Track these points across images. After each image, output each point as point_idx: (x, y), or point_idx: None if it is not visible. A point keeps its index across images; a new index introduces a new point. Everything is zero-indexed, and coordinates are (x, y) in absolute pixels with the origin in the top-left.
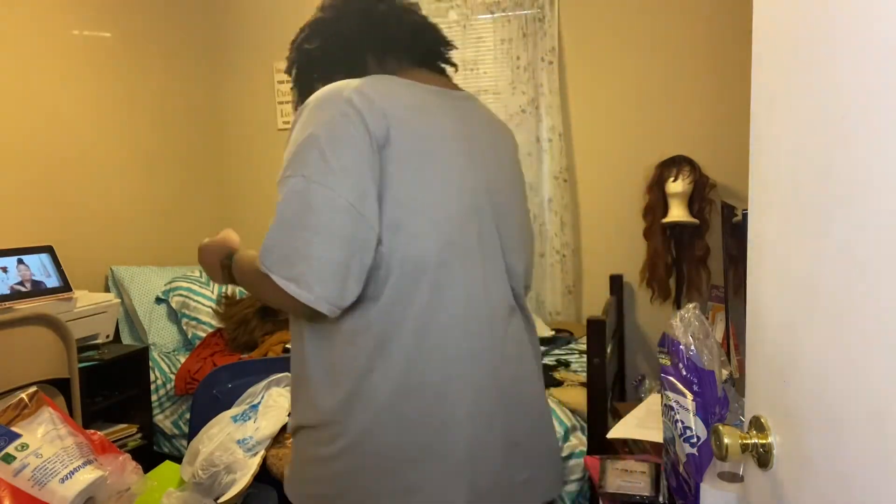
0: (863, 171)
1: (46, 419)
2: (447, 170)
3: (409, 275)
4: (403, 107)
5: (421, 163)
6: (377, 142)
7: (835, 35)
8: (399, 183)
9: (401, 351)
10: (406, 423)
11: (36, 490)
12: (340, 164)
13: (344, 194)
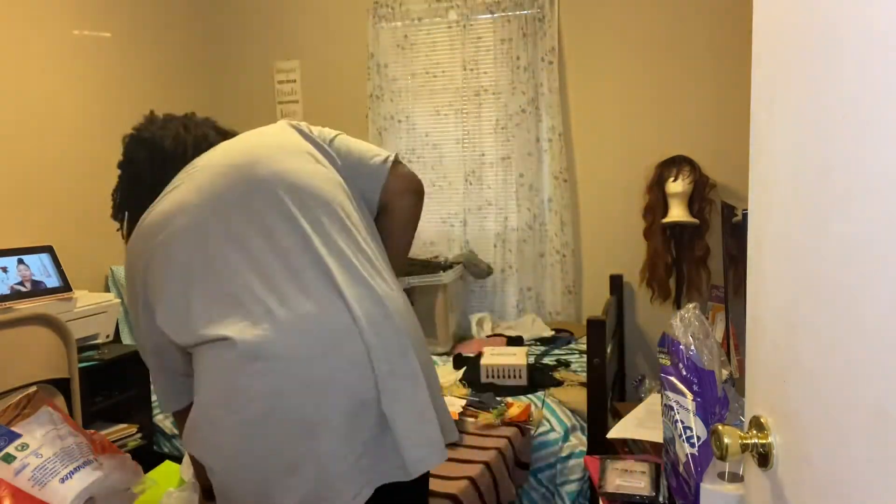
0: (863, 171)
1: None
2: (180, 255)
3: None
4: (155, 228)
5: (158, 269)
6: (140, 282)
7: (835, 35)
8: (155, 300)
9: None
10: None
11: (36, 490)
12: (135, 318)
13: (143, 344)
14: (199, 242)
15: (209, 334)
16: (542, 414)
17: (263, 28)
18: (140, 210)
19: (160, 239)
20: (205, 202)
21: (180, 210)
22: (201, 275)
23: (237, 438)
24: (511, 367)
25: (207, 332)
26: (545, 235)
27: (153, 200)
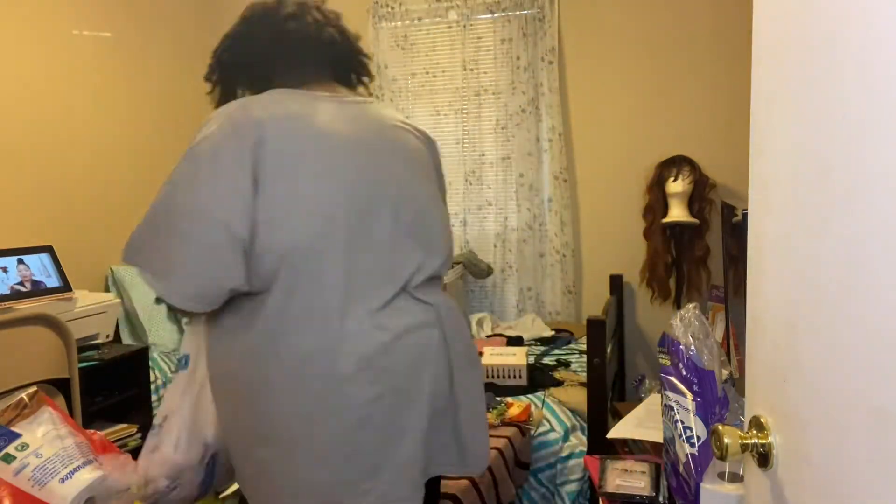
0: (863, 171)
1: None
2: (318, 167)
3: (284, 266)
4: (282, 116)
5: (292, 164)
6: (250, 150)
7: (835, 35)
8: (273, 183)
9: (285, 343)
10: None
11: (36, 490)
12: (207, 173)
13: (203, 199)
14: (357, 192)
15: (338, 306)
16: (542, 414)
17: None
18: (239, 80)
19: (306, 134)
20: (357, 163)
21: (333, 134)
22: (350, 225)
23: (326, 439)
24: (511, 367)
25: (340, 301)
26: (545, 235)
27: (256, 80)
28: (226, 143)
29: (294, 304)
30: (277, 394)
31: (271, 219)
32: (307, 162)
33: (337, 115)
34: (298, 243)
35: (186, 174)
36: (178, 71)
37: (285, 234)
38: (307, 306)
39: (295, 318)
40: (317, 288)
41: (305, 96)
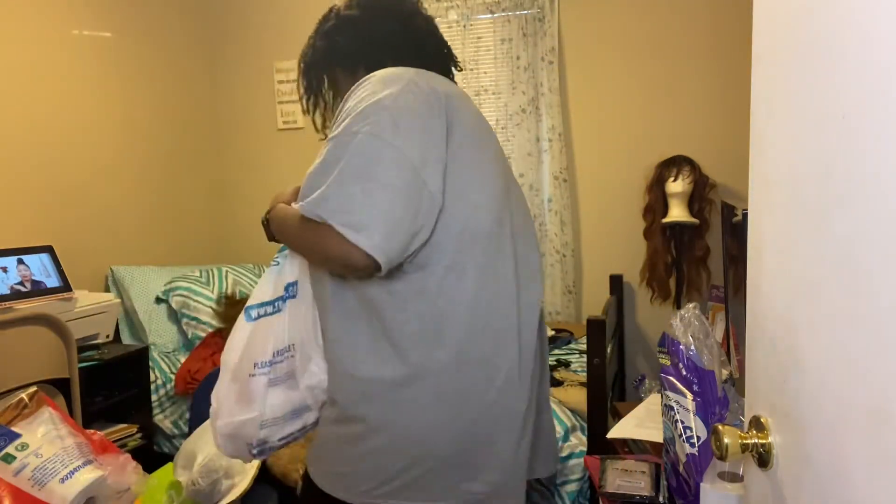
0: (863, 171)
1: (46, 419)
2: (489, 162)
3: (467, 243)
4: (454, 96)
5: (472, 146)
6: (443, 118)
7: (835, 35)
8: (459, 161)
9: (457, 322)
10: (459, 402)
11: (36, 490)
12: (409, 129)
13: (411, 156)
14: (504, 184)
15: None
16: None
17: (263, 28)
18: (346, 62)
19: (476, 120)
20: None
21: (486, 125)
22: (510, 213)
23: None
24: None
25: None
26: (545, 235)
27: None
28: (424, 106)
29: (466, 289)
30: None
31: (459, 192)
32: (482, 147)
33: (470, 107)
34: (480, 223)
35: (389, 128)
36: (178, 71)
37: (468, 211)
38: (480, 286)
39: (470, 299)
40: (491, 274)
41: (448, 83)
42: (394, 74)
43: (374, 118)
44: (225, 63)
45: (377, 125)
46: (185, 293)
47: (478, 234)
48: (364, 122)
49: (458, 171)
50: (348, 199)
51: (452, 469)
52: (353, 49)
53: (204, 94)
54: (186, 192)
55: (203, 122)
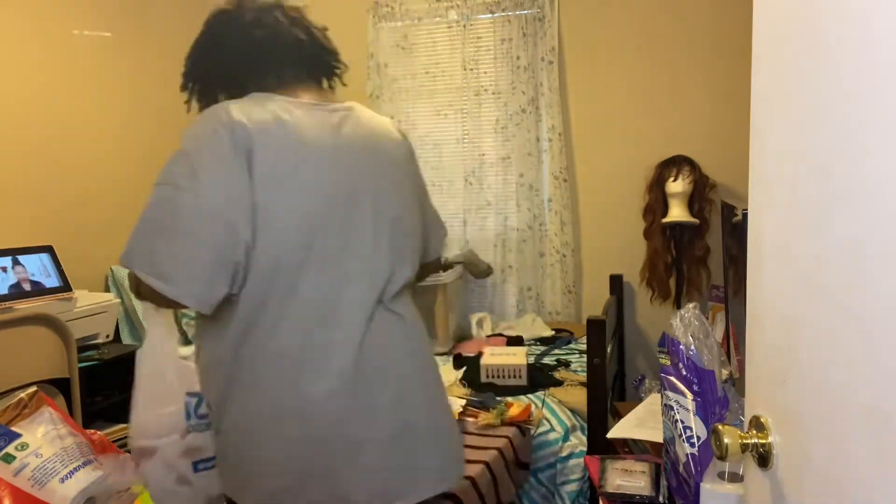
0: (862, 171)
1: (46, 419)
2: (305, 178)
3: (267, 275)
4: (267, 122)
5: (281, 173)
6: (243, 154)
7: (835, 35)
8: (261, 191)
9: (257, 345)
10: (260, 423)
11: (36, 490)
12: (209, 174)
13: (212, 201)
14: (336, 203)
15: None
16: (542, 414)
17: None
18: (214, 87)
19: (290, 144)
20: (331, 164)
21: (316, 145)
22: (330, 237)
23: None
24: (511, 367)
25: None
26: (545, 235)
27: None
28: (225, 148)
29: (268, 313)
30: (252, 392)
31: (257, 227)
32: (291, 174)
33: (318, 123)
34: (281, 254)
35: (187, 175)
36: (178, 71)
37: (271, 245)
38: (281, 315)
39: (271, 325)
40: (291, 298)
41: (287, 103)
42: (205, 116)
43: (175, 168)
44: None
45: (176, 175)
46: None
47: (276, 266)
48: (166, 172)
49: (256, 204)
50: (153, 252)
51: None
52: (209, 77)
53: None
54: None
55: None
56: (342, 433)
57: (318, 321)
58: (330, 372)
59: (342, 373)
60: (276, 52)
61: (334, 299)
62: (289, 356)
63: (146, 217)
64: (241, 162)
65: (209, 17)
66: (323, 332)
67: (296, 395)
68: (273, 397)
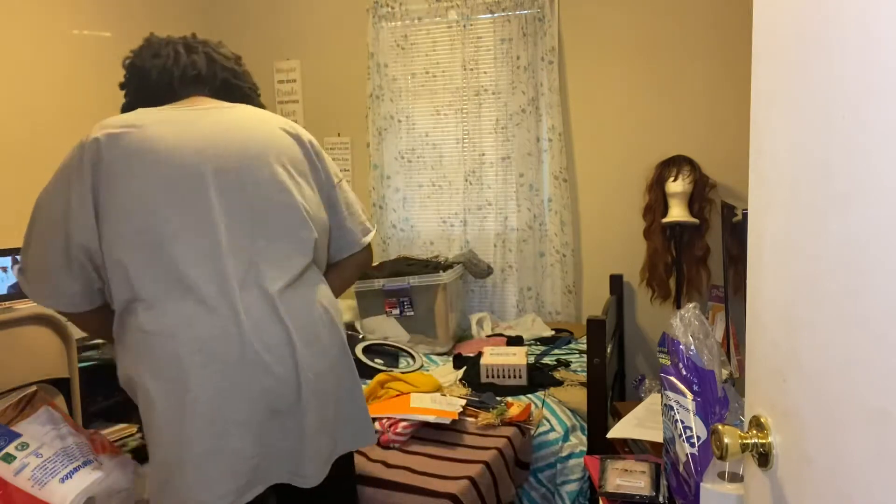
0: (862, 171)
1: (46, 419)
2: (142, 168)
3: (121, 279)
4: (121, 129)
5: (119, 170)
6: (89, 167)
7: (835, 35)
8: (108, 196)
9: (129, 348)
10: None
11: (36, 490)
12: (57, 187)
13: (55, 212)
14: (181, 195)
15: (180, 292)
16: (542, 414)
17: (263, 28)
18: (138, 101)
19: (133, 144)
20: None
21: (162, 137)
22: (182, 227)
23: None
24: (511, 367)
25: (181, 285)
26: (545, 235)
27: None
28: (74, 161)
29: (139, 305)
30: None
31: (104, 234)
32: (129, 168)
33: (180, 119)
34: (122, 238)
35: (46, 188)
36: None
37: (114, 235)
38: (149, 304)
39: (143, 315)
40: (151, 286)
41: (157, 111)
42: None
43: (51, 180)
44: None
45: (43, 190)
46: None
47: (123, 269)
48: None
49: (105, 212)
50: (24, 249)
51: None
52: (133, 99)
53: None
54: None
55: None
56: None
57: (185, 323)
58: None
59: (212, 367)
60: (165, 77)
61: (191, 286)
62: (161, 365)
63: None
64: (86, 175)
65: (123, 65)
66: (189, 328)
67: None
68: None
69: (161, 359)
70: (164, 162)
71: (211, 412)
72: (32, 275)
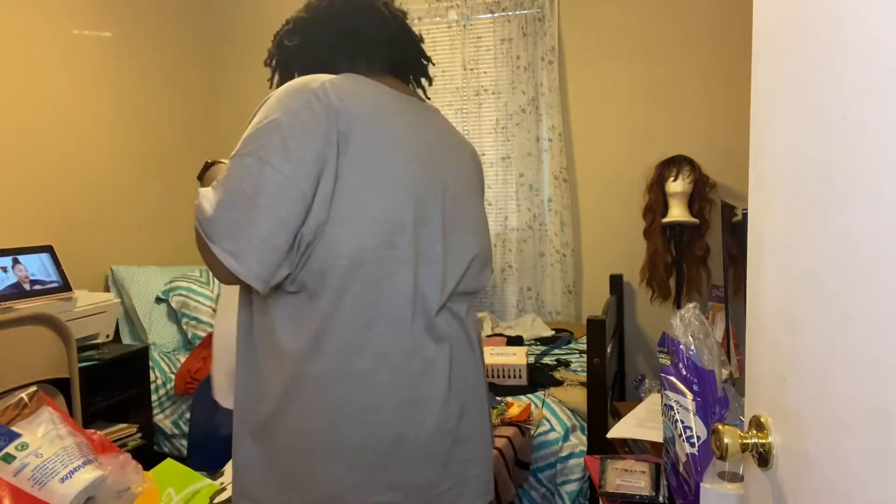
0: (863, 171)
1: (46, 419)
2: (399, 172)
3: (346, 269)
4: (366, 106)
5: (375, 163)
6: (338, 136)
7: (835, 35)
8: (351, 179)
9: (334, 343)
10: (335, 413)
11: (36, 490)
12: (299, 154)
13: (298, 183)
14: (422, 203)
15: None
16: (542, 414)
17: (264, 27)
18: (299, 67)
19: (387, 134)
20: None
21: (411, 139)
22: (415, 235)
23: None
24: (511, 367)
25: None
26: (545, 235)
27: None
28: (319, 126)
29: (345, 309)
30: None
31: (341, 217)
32: (381, 164)
33: (407, 116)
34: (365, 248)
35: (277, 150)
36: (179, 71)
37: (353, 236)
38: (364, 311)
39: (347, 323)
40: (375, 296)
41: (377, 88)
42: (298, 86)
43: (264, 140)
44: (225, 62)
45: (265, 148)
46: (185, 293)
47: (356, 261)
48: (255, 143)
49: (347, 192)
50: (233, 226)
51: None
52: (302, 53)
53: (204, 93)
54: (186, 192)
55: (203, 121)
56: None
57: (394, 325)
58: (400, 381)
59: (411, 381)
60: (374, 37)
61: (409, 302)
62: (365, 362)
63: (230, 187)
64: (332, 144)
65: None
66: (395, 337)
67: (368, 404)
68: (346, 407)
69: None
70: (410, 170)
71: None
72: (253, 254)
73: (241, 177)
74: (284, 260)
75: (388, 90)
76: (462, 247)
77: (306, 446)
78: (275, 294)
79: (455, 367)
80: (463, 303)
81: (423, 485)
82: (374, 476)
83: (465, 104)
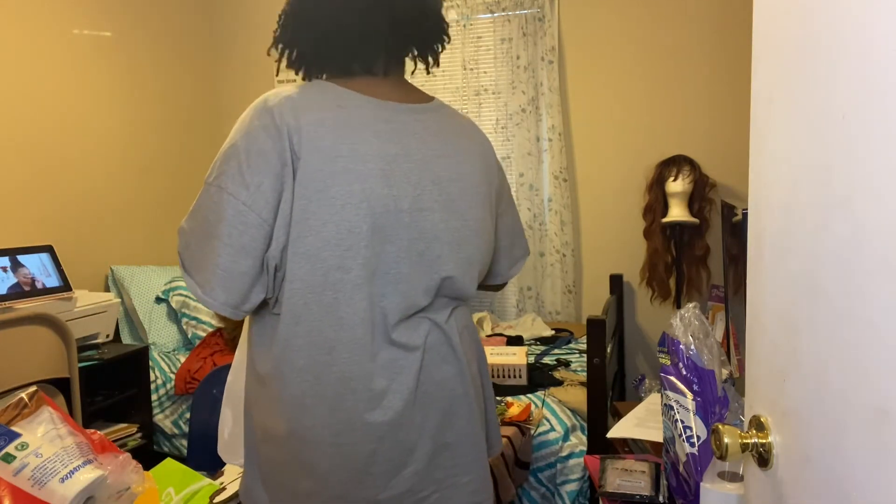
0: (862, 171)
1: (46, 419)
2: (352, 191)
3: (300, 293)
4: (321, 122)
5: (324, 183)
6: (292, 157)
7: (835, 35)
8: (302, 200)
9: (295, 368)
10: (307, 434)
11: (36, 489)
12: (256, 180)
13: (258, 209)
14: (382, 220)
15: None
16: (542, 413)
17: (265, 27)
18: (312, 57)
19: (341, 151)
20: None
21: (373, 154)
22: (373, 252)
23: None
24: (511, 367)
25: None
26: (545, 235)
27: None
28: (273, 149)
29: (301, 336)
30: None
31: (296, 238)
32: (337, 184)
33: (388, 127)
34: (317, 271)
35: (235, 178)
36: (178, 70)
37: (306, 260)
38: (321, 337)
39: (304, 348)
40: (333, 320)
41: (356, 102)
42: (260, 104)
43: (225, 167)
44: (226, 62)
45: (224, 176)
46: (185, 293)
47: (312, 285)
48: (217, 170)
49: (299, 214)
50: (200, 257)
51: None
52: (303, 48)
53: (205, 92)
54: (187, 192)
55: (204, 120)
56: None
57: (359, 341)
58: (365, 398)
59: (381, 398)
60: (377, 27)
61: (375, 318)
62: (330, 383)
63: (197, 216)
64: (288, 165)
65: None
66: (359, 352)
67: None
68: (326, 415)
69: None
70: (373, 187)
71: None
72: (217, 283)
73: (205, 206)
74: (255, 285)
75: (363, 99)
76: (438, 262)
77: (284, 459)
78: (256, 314)
79: (426, 373)
80: (444, 309)
81: (401, 493)
82: (349, 492)
83: (465, 104)
